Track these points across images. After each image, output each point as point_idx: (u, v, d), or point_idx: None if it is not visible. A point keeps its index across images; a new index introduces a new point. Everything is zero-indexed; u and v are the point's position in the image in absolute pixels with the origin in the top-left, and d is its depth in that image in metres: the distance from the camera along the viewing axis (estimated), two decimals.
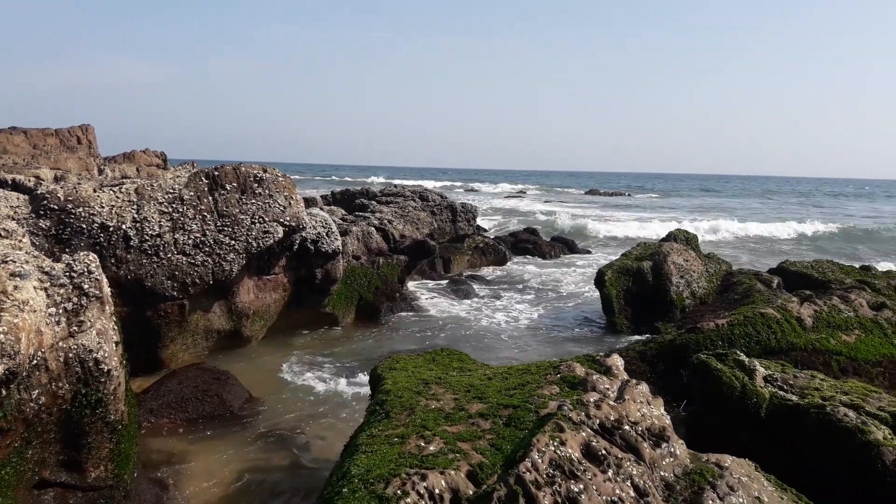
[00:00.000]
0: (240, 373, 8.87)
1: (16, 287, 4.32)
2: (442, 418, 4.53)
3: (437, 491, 3.38)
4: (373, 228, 16.85)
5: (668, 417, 4.48)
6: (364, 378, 9.27)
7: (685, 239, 15.01)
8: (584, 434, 3.80)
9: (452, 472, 3.54)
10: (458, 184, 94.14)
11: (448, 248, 21.23)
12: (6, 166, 18.45)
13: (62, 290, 4.75)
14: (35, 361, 4.36)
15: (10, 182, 9.47)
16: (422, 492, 3.33)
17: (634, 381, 4.61)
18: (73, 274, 4.88)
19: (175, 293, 8.99)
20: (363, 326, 12.69)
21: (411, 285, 16.58)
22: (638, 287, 12.85)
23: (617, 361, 5.55)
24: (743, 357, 6.94)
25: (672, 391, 8.06)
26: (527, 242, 25.13)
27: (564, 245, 25.91)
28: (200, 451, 6.89)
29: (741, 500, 3.86)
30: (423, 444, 3.99)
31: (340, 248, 11.93)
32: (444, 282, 17.76)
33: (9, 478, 4.37)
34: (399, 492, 3.30)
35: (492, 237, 24.82)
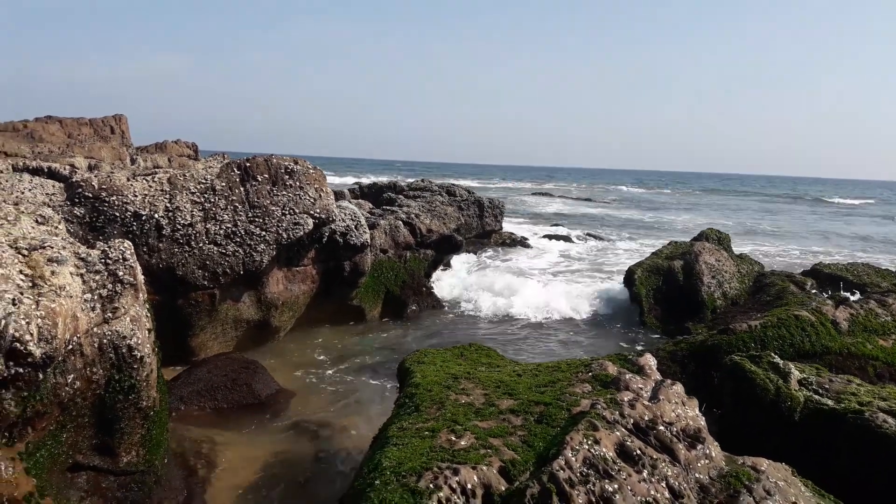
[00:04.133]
0: (268, 363, 8.93)
1: (53, 272, 4.37)
2: (472, 413, 4.50)
3: (469, 486, 3.35)
4: (400, 222, 16.86)
5: (703, 419, 4.40)
6: (390, 371, 9.28)
7: (717, 238, 14.79)
8: (618, 433, 3.74)
9: (484, 468, 3.50)
10: (528, 184, 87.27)
11: (474, 243, 21.19)
12: (42, 154, 18.77)
13: (97, 277, 4.79)
14: (71, 346, 4.41)
15: (45, 170, 9.60)
16: (454, 486, 3.30)
17: (669, 381, 4.53)
18: (108, 261, 4.91)
19: (206, 282, 9.06)
20: (389, 320, 12.71)
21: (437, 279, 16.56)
22: (668, 287, 12.70)
23: (650, 361, 5.47)
24: (777, 359, 6.81)
25: (702, 392, 7.92)
26: (557, 238, 25.01)
27: (594, 239, 25.76)
28: (229, 439, 6.94)
29: None
30: (454, 439, 3.96)
31: (369, 241, 11.94)
32: None
33: (44, 460, 4.42)
34: (431, 485, 3.27)
35: (519, 234, 24.71)
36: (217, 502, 5.79)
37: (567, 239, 25.84)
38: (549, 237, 25.71)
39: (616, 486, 3.36)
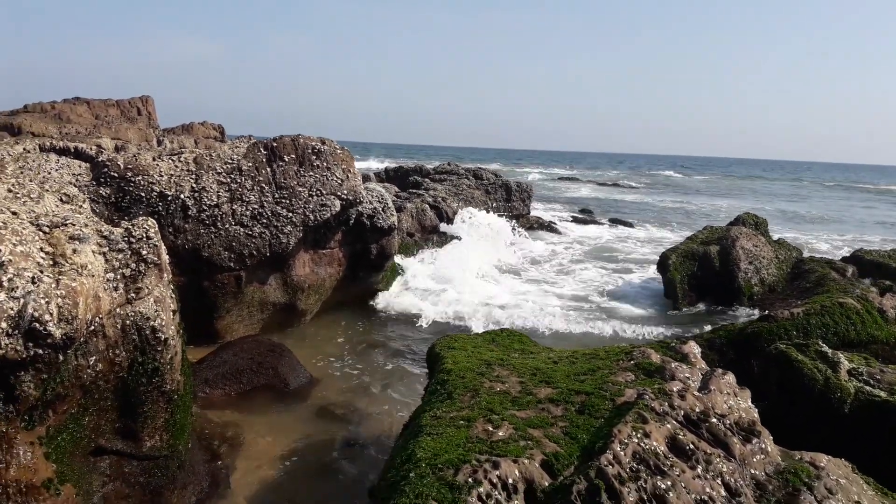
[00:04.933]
0: (293, 347, 8.78)
1: (74, 251, 4.20)
2: (508, 402, 4.27)
3: (510, 480, 3.13)
4: (427, 206, 16.66)
5: (756, 410, 4.13)
6: (419, 356, 9.09)
7: (754, 223, 14.35)
8: (669, 426, 3.49)
9: (526, 461, 3.27)
10: (558, 170, 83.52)
11: None
12: (69, 135, 18.81)
13: (120, 256, 4.62)
14: (93, 327, 4.25)
15: (72, 150, 9.50)
16: (494, 481, 3.08)
17: (720, 370, 4.27)
18: (131, 239, 4.75)
19: (232, 264, 8.92)
20: None
21: None
22: (703, 272, 12.33)
23: (694, 349, 5.20)
24: (826, 348, 6.50)
25: (742, 382, 7.64)
26: (584, 223, 24.63)
27: (623, 225, 25.35)
28: (254, 423, 6.80)
29: None
30: (490, 429, 3.73)
31: (396, 223, 11.74)
32: None
33: (65, 444, 4.29)
34: (471, 480, 3.05)
35: (546, 218, 24.37)
36: (242, 488, 5.65)
37: (595, 223, 25.45)
38: (577, 221, 25.35)
39: (669, 482, 3.12)
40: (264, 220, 9.14)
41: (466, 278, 13.60)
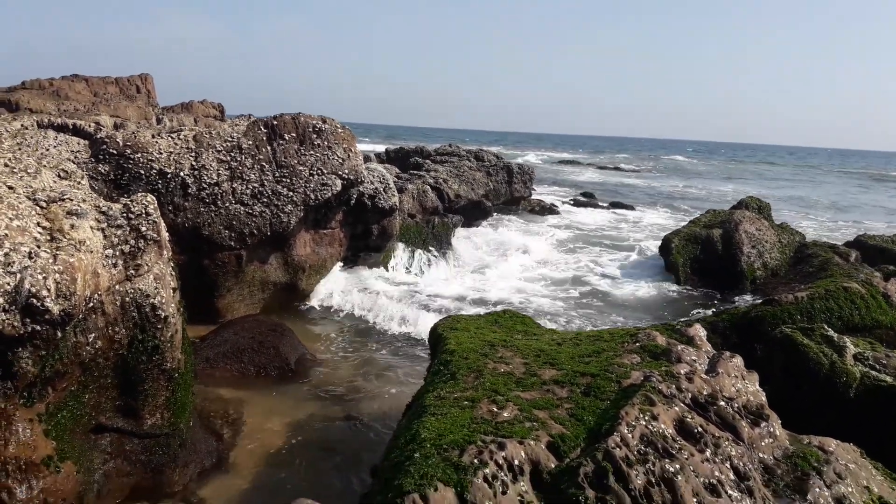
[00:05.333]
0: (294, 326, 8.73)
1: (72, 226, 4.12)
2: (513, 383, 4.21)
3: (516, 462, 3.07)
4: (428, 187, 16.54)
5: (764, 394, 4.08)
6: (419, 334, 9.04)
7: (757, 207, 14.27)
8: (677, 409, 3.44)
9: (532, 443, 3.22)
10: (561, 154, 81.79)
11: (502, 209, 20.83)
12: (67, 112, 18.65)
13: (119, 232, 4.55)
14: (91, 304, 4.18)
15: (70, 127, 9.40)
16: (500, 462, 3.02)
17: (728, 353, 4.21)
18: (130, 215, 4.67)
19: (232, 243, 8.85)
20: None
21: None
22: (706, 256, 12.27)
23: (699, 331, 5.14)
24: (832, 332, 6.45)
25: (745, 366, 7.61)
26: (585, 206, 24.54)
27: (624, 209, 25.25)
28: (255, 402, 6.76)
29: (850, 490, 3.46)
30: (495, 410, 3.68)
31: (398, 204, 11.65)
32: None
33: (66, 421, 4.24)
34: (476, 461, 3.00)
35: (549, 201, 24.28)
36: (243, 466, 5.62)
37: (596, 206, 25.37)
38: (578, 204, 25.26)
39: (678, 465, 3.07)
40: (265, 199, 9.05)
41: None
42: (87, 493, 4.44)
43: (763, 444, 3.56)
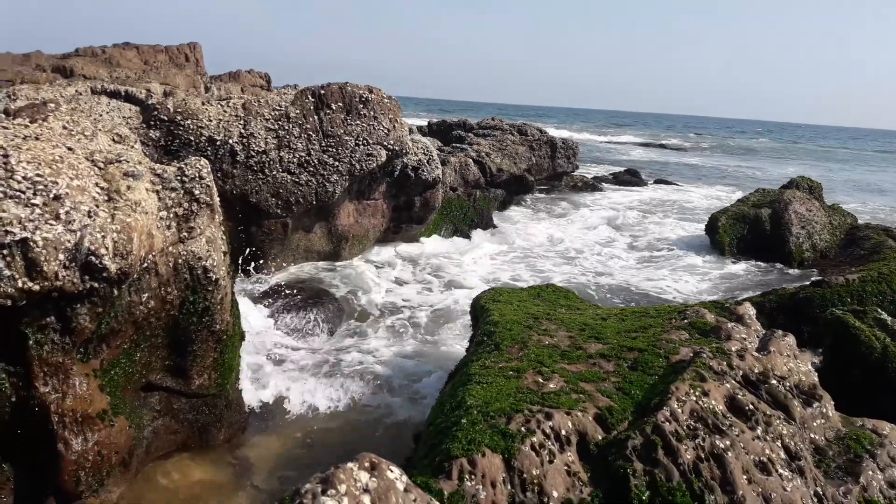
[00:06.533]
0: (336, 293, 8.83)
1: (129, 187, 4.21)
2: (558, 355, 4.20)
3: (563, 432, 3.07)
4: (470, 160, 16.44)
5: (816, 374, 3.99)
6: (461, 308, 9.06)
7: (808, 187, 13.88)
8: (728, 385, 3.39)
9: (580, 414, 3.21)
10: (605, 129, 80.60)
11: (545, 184, 20.66)
12: (119, 79, 18.98)
13: (173, 195, 4.63)
14: (146, 264, 4.28)
15: (122, 93, 9.55)
16: (548, 431, 3.02)
17: (780, 331, 4.12)
18: (184, 178, 4.74)
19: (279, 211, 8.94)
20: None
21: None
22: (753, 235, 12.01)
23: (749, 310, 5.04)
24: (885, 316, 6.28)
25: None
26: (629, 184, 24.19)
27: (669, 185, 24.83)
28: (300, 366, 6.87)
29: None
30: (541, 381, 3.67)
31: (441, 176, 11.63)
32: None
33: (118, 378, 4.37)
34: (524, 429, 3.00)
35: (591, 176, 23.97)
36: (288, 427, 5.73)
37: (640, 184, 24.99)
38: (621, 182, 24.91)
39: (728, 442, 3.03)
40: (311, 168, 9.12)
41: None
42: (137, 447, 4.58)
43: (815, 424, 3.50)
